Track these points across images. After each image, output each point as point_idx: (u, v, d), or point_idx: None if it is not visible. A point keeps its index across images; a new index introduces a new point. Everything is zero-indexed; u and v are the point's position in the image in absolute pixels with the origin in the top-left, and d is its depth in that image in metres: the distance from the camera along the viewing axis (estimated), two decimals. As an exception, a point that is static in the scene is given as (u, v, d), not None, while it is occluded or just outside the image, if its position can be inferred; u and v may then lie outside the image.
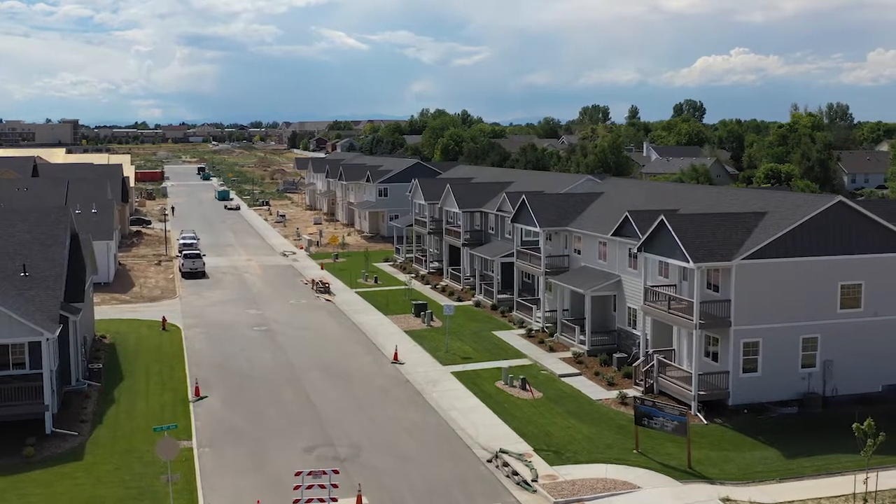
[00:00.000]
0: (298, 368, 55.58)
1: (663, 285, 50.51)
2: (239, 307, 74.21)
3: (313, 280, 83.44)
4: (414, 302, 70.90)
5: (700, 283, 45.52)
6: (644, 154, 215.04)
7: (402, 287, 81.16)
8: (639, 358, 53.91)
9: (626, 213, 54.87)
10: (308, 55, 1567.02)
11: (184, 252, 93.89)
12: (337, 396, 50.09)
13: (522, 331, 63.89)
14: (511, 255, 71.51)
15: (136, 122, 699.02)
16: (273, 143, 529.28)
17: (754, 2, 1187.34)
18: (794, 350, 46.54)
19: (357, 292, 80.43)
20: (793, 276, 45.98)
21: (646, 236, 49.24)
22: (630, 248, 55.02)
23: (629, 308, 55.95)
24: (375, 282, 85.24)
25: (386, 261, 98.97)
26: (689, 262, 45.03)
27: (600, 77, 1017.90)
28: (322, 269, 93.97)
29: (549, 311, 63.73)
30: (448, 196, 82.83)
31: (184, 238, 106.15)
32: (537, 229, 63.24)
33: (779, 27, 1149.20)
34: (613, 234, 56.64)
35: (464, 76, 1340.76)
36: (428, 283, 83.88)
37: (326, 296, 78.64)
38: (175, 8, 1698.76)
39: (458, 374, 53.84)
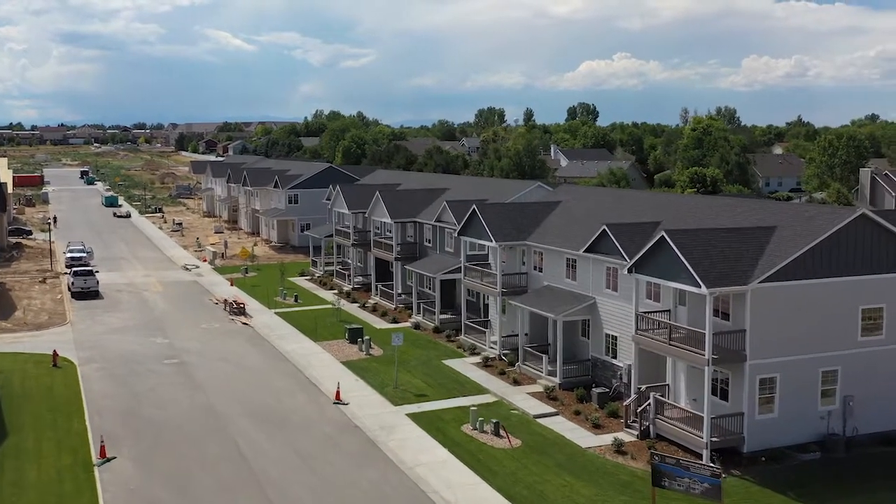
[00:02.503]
0: (223, 413, 46.73)
1: (656, 311, 43.74)
2: (142, 335, 64.47)
3: (226, 300, 74.08)
4: (348, 326, 62.49)
5: (710, 310, 38.78)
6: (552, 157, 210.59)
7: (329, 306, 72.64)
8: (621, 392, 47.14)
9: (604, 227, 47.95)
10: (193, 55, 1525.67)
11: (73, 268, 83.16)
12: (274, 450, 41.57)
13: (477, 359, 56.38)
14: (454, 271, 64.01)
15: (11, 123, 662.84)
16: (159, 144, 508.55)
17: (634, 8, 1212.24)
18: (812, 385, 40.39)
19: (277, 313, 71.53)
20: (812, 300, 39.83)
21: (640, 255, 42.30)
22: (609, 268, 48.14)
23: (607, 335, 49.05)
24: (296, 300, 76.43)
25: (302, 275, 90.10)
26: (699, 286, 38.28)
27: (487, 80, 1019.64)
28: (231, 285, 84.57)
29: (506, 335, 56.44)
30: (377, 205, 74.70)
31: (72, 251, 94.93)
32: (492, 244, 55.82)
33: (657, 33, 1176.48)
34: (587, 251, 49.67)
35: (352, 78, 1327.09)
36: (355, 301, 75.54)
37: (242, 318, 69.50)
38: (50, 4, 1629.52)
39: (415, 417, 45.93)
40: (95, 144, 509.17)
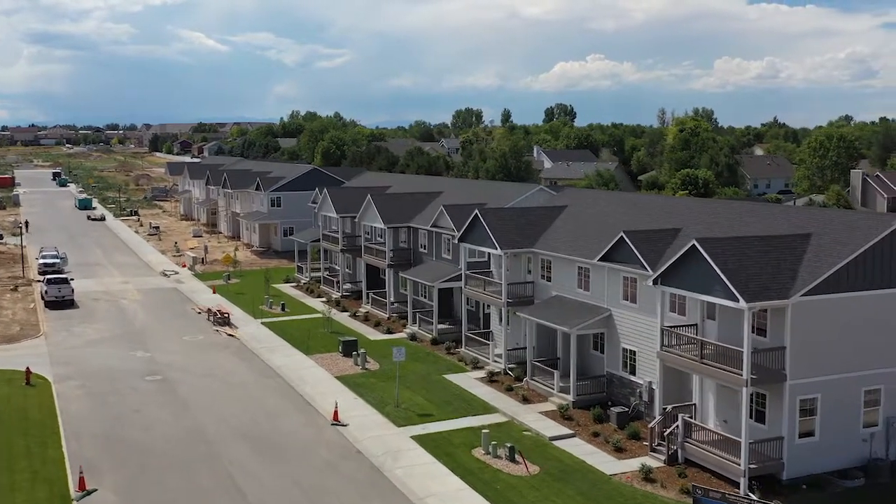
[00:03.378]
0: (213, 437, 43.14)
1: (682, 325, 40.64)
2: (122, 347, 60.67)
3: (209, 309, 70.33)
4: (341, 339, 58.91)
5: (748, 326, 35.69)
6: (535, 158, 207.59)
7: (318, 316, 69.08)
8: (640, 412, 44.04)
9: (622, 234, 44.79)
10: (166, 56, 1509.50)
11: (46, 276, 79.08)
12: (272, 480, 38.06)
13: (480, 373, 53.08)
14: (453, 279, 60.72)
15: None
16: (133, 145, 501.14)
17: (607, 10, 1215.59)
18: (855, 406, 37.45)
19: (264, 324, 67.88)
20: (855, 314, 36.88)
21: (668, 265, 39.14)
22: (627, 277, 44.99)
23: (624, 349, 45.88)
24: (283, 309, 72.78)
25: (287, 281, 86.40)
26: (737, 300, 35.19)
27: (462, 81, 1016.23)
28: (214, 292, 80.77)
29: (512, 349, 53.20)
30: (369, 209, 71.22)
31: (45, 257, 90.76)
32: (497, 251, 52.52)
33: (630, 35, 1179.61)
34: (602, 259, 46.50)
35: (326, 79, 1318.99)
36: (345, 310, 72.00)
37: (227, 329, 65.80)
38: (20, 4, 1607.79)
39: (421, 440, 42.55)
40: (67, 145, 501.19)
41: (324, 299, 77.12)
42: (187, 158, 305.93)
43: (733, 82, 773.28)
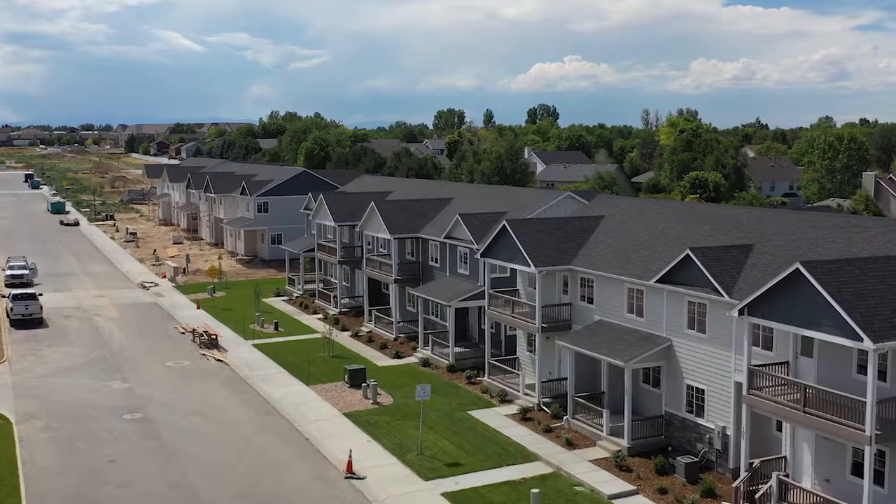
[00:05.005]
0: (206, 497, 36.03)
1: (770, 364, 33.99)
2: (96, 376, 53.39)
3: (194, 330, 63.08)
4: (348, 367, 51.75)
5: (873, 371, 29.03)
6: (528, 160, 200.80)
7: (316, 336, 62.09)
8: (711, 461, 37.37)
9: (689, 251, 38.06)
10: (142, 56, 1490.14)
11: (12, 291, 71.53)
12: (280, 555, 31.06)
13: (511, 409, 46.23)
14: (471, 298, 53.97)
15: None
16: (108, 146, 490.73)
17: (585, 11, 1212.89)
18: None
19: (256, 345, 60.75)
20: None
21: (759, 293, 32.35)
22: (694, 303, 38.28)
23: (689, 387, 39.17)
24: (276, 329, 65.62)
25: (278, 295, 79.21)
26: (860, 339, 28.53)
27: (440, 82, 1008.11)
28: (198, 307, 73.50)
29: (546, 380, 46.41)
30: (372, 217, 64.20)
31: (12, 268, 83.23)
32: (530, 269, 45.68)
33: (608, 36, 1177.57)
34: (661, 280, 39.78)
35: (303, 79, 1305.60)
36: (346, 329, 64.94)
37: (216, 353, 58.60)
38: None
39: (454, 499, 35.63)
40: (41, 146, 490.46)
41: (320, 316, 70.04)
42: (164, 160, 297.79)
43: (709, 84, 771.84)
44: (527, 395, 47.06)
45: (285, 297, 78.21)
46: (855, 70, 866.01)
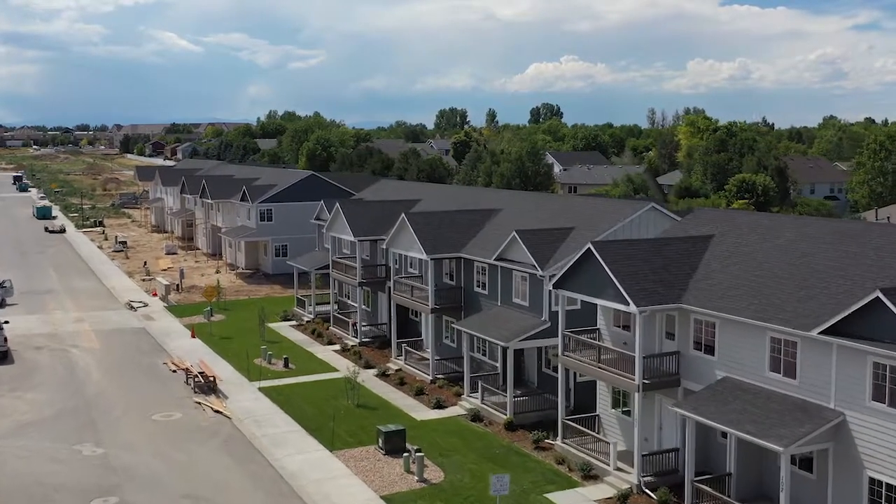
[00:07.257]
0: None
1: None
2: (64, 437, 42.35)
3: (188, 369, 52.07)
4: (382, 428, 40.50)
5: None
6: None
7: (335, 375, 51.28)
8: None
9: (878, 292, 27.15)
10: (138, 56, 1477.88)
11: (-26, 318, 60.63)
12: None
13: (601, 490, 35.23)
14: (536, 336, 43.06)
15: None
16: (103, 147, 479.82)
17: (581, 12, 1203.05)
18: None
19: (262, 388, 49.79)
20: None
21: None
22: (881, 364, 27.36)
23: (871, 481, 28.25)
24: (286, 365, 54.66)
25: (285, 319, 68.14)
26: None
27: (437, 83, 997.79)
28: (193, 336, 62.55)
29: (648, 454, 35.49)
30: (403, 232, 53.12)
31: (-21, 287, 72.27)
32: (629, 308, 34.63)
33: (604, 36, 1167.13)
34: (825, 332, 28.84)
35: (301, 80, 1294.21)
36: (370, 366, 53.88)
37: (214, 402, 47.58)
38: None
39: None
40: (34, 147, 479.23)
41: (337, 347, 59.14)
42: (160, 160, 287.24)
43: (706, 83, 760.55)
44: (619, 469, 36.11)
45: (294, 323, 67.16)
46: (850, 70, 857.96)
